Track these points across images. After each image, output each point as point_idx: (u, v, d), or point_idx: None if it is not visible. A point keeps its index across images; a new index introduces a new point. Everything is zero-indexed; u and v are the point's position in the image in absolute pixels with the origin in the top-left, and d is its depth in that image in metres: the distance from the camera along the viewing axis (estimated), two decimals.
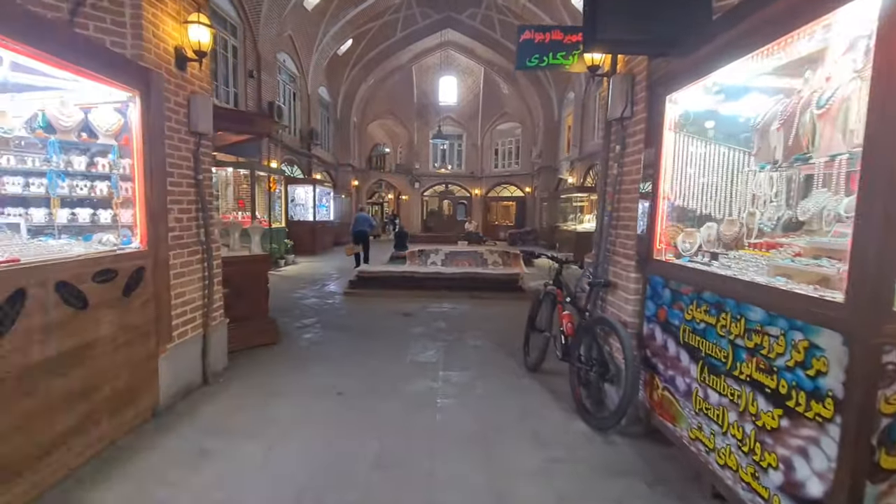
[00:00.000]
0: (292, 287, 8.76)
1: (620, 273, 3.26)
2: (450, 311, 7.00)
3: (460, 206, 29.61)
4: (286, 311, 6.68)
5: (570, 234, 13.62)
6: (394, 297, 7.92)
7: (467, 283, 8.36)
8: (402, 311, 6.86)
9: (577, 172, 17.25)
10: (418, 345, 5.07)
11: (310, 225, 14.95)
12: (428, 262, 12.83)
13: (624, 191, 3.33)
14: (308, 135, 17.01)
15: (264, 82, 12.92)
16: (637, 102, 3.15)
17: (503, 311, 7.02)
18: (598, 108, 15.99)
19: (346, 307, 7.12)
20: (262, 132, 4.51)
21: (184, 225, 3.52)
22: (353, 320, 6.26)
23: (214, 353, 3.84)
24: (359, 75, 21.29)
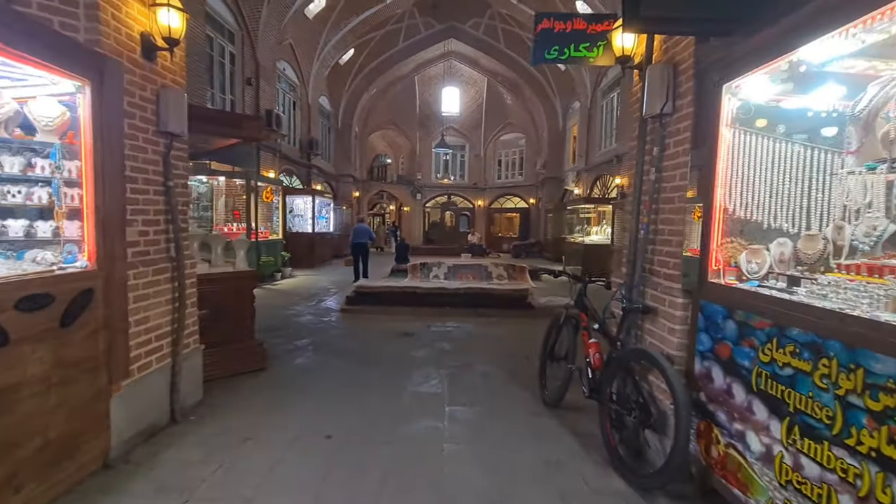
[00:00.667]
0: (287, 303, 8.24)
1: (661, 297, 2.75)
2: (454, 330, 6.48)
3: (463, 217, 29.19)
4: (278, 330, 6.16)
5: (578, 246, 13.13)
6: (394, 314, 7.40)
7: (473, 300, 7.83)
8: (402, 330, 6.34)
9: (584, 183, 16.82)
10: (421, 372, 4.54)
11: (308, 237, 14.49)
12: (430, 276, 12.32)
13: (664, 199, 2.84)
14: (308, 145, 16.65)
15: (263, 90, 12.57)
16: (681, 96, 2.67)
17: (512, 330, 6.48)
18: (605, 117, 15.62)
19: (342, 326, 6.59)
20: (252, 136, 4.05)
21: (150, 239, 3.03)
22: (349, 342, 5.73)
23: (186, 385, 3.32)
24: (360, 85, 21.03)
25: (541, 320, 7.56)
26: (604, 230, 14.39)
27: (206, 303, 3.95)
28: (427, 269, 12.49)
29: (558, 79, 19.59)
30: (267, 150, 12.98)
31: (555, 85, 20.05)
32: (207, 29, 10.10)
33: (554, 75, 19.63)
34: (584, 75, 16.33)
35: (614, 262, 10.54)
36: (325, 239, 15.71)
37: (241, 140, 4.40)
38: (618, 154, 13.23)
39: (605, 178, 15.26)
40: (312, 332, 6.19)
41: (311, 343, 5.59)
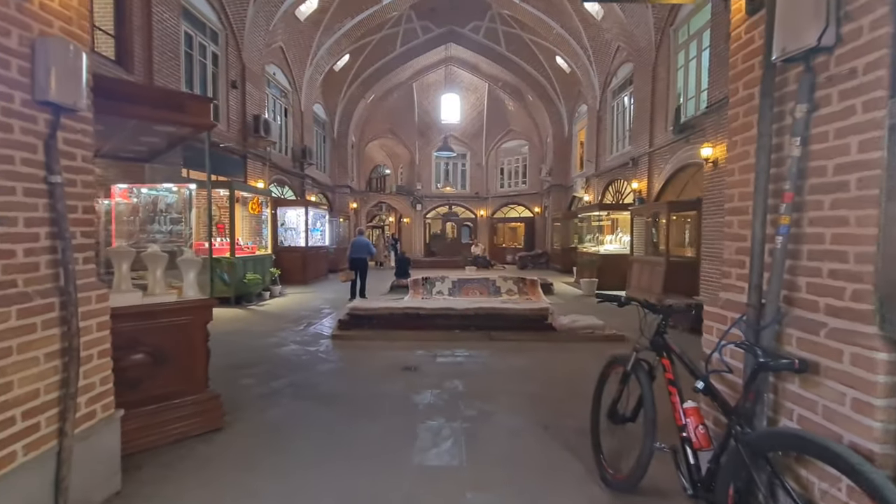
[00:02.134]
0: (271, 328, 7.16)
1: (831, 347, 1.68)
2: (466, 361, 5.39)
3: (465, 228, 28.19)
4: (253, 366, 5.08)
5: (593, 257, 12.10)
6: (394, 340, 6.33)
7: (484, 322, 6.77)
8: (404, 363, 5.25)
9: (594, 189, 15.85)
10: (428, 429, 3.46)
11: (301, 251, 13.45)
12: (433, 292, 11.26)
13: (819, 188, 1.79)
14: (301, 154, 15.71)
15: (250, 95, 11.65)
16: (860, 12, 1.64)
17: (536, 360, 5.40)
18: (616, 119, 14.69)
19: (332, 358, 5.51)
20: (201, 123, 3.07)
21: (18, 264, 1.99)
22: (337, 381, 4.64)
23: (86, 477, 2.25)
24: (357, 92, 20.19)
25: (566, 345, 6.40)
26: (619, 239, 13.36)
27: (136, 345, 2.91)
28: (430, 284, 11.43)
29: (563, 82, 18.75)
30: (255, 158, 12.03)
31: (559, 88, 19.21)
32: (185, 25, 9.19)
33: (558, 78, 18.79)
34: (592, 75, 15.46)
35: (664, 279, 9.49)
36: (319, 253, 14.68)
37: (188, 128, 3.38)
38: (633, 157, 12.27)
39: (618, 183, 14.28)
40: (294, 367, 5.10)
41: (291, 384, 4.50)
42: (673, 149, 10.32)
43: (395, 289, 11.72)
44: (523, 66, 19.57)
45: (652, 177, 11.47)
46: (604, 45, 14.20)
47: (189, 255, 3.41)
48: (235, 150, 11.11)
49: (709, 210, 7.65)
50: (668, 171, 10.59)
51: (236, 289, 9.32)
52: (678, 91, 10.61)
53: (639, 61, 12.08)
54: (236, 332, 6.84)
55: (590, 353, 5.78)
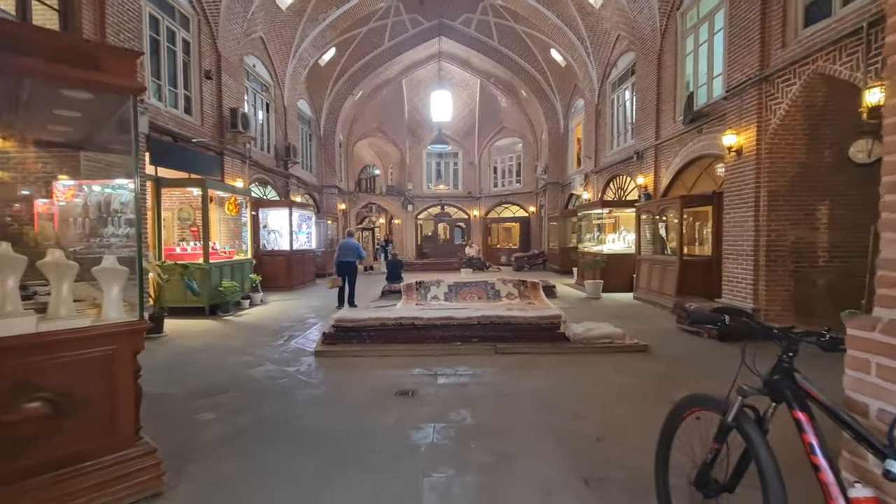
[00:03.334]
0: (246, 343, 6.30)
1: None
2: (472, 382, 4.60)
3: (457, 228, 27.42)
4: (217, 393, 4.23)
5: (596, 257, 11.38)
6: (387, 355, 5.51)
7: (489, 331, 5.99)
8: (399, 385, 4.44)
9: (594, 186, 15.17)
10: (434, 488, 2.65)
11: (286, 255, 12.56)
12: (428, 297, 10.44)
13: None
14: (285, 152, 14.81)
15: (226, 86, 10.76)
16: None
17: (553, 378, 4.62)
18: (616, 112, 14.02)
19: (313, 382, 4.67)
20: (123, 85, 2.20)
21: None
22: (318, 414, 3.81)
23: None
24: (344, 89, 19.31)
25: (583, 359, 5.47)
26: (623, 237, 12.66)
27: (29, 390, 2.08)
28: (424, 289, 10.62)
29: (558, 76, 18.08)
30: (233, 155, 11.12)
31: (554, 83, 18.55)
32: (149, 6, 8.29)
33: (553, 72, 18.12)
34: (590, 68, 14.78)
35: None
36: (305, 257, 13.79)
37: (106, 92, 2.54)
38: (638, 151, 11.59)
39: (620, 179, 13.61)
40: (268, 395, 4.26)
41: (261, 420, 3.66)
42: (682, 140, 9.65)
43: (386, 294, 10.89)
44: (517, 61, 18.88)
45: (659, 171, 10.79)
46: (602, 35, 13.53)
47: (110, 263, 2.56)
48: (211, 146, 10.21)
49: (731, 203, 6.96)
50: (677, 164, 9.91)
51: (210, 298, 8.43)
52: (686, 79, 9.94)
53: (642, 50, 11.41)
54: (205, 350, 5.97)
55: (613, 368, 5.02)
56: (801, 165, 6.32)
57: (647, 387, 4.45)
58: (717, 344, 6.13)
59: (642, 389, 4.37)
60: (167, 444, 3.04)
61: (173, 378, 4.76)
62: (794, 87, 5.88)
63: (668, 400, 4.08)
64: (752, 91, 6.51)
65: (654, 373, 4.91)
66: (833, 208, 6.35)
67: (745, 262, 6.67)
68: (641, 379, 4.69)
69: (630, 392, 4.31)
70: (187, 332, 7.09)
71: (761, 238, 6.43)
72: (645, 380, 4.67)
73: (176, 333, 6.95)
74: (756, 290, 6.47)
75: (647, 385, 4.50)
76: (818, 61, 5.47)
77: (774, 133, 6.27)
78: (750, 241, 6.55)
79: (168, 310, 8.38)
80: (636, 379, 4.69)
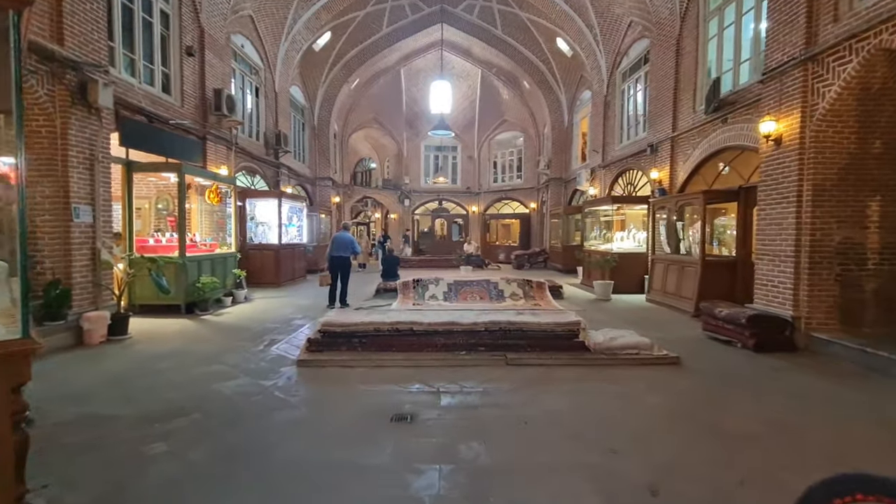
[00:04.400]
0: (220, 349, 5.52)
1: None
2: (482, 403, 3.85)
3: (455, 225, 26.68)
4: (175, 415, 3.46)
5: (606, 256, 10.66)
6: (381, 367, 4.76)
7: (498, 339, 5.26)
8: (394, 406, 3.70)
9: (601, 182, 14.45)
10: None
11: (274, 250, 11.76)
12: (426, 297, 9.69)
13: None
14: (275, 140, 13.97)
15: (210, 65, 9.91)
16: None
17: (579, 398, 3.88)
18: (627, 104, 13.29)
19: (292, 401, 3.91)
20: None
21: None
22: (293, 446, 3.05)
23: None
24: (339, 76, 18.44)
25: (608, 373, 4.67)
26: (633, 235, 11.96)
27: None
28: (422, 288, 9.87)
29: (563, 67, 17.32)
30: (218, 140, 10.29)
31: (559, 74, 17.77)
32: None
33: (558, 63, 17.35)
34: (599, 57, 14.03)
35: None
36: (295, 252, 12.99)
37: None
38: (652, 143, 10.87)
39: (630, 174, 12.90)
40: (236, 418, 3.50)
41: (224, 454, 2.90)
42: (703, 131, 8.93)
43: (381, 293, 10.13)
44: (520, 50, 18.09)
45: (675, 165, 10.08)
46: (613, 22, 12.78)
47: None
48: (192, 130, 9.37)
49: (768, 198, 6.25)
50: (696, 157, 9.20)
51: (187, 295, 7.63)
52: (709, 66, 9.22)
53: (658, 36, 10.68)
54: (172, 356, 5.20)
55: (644, 385, 4.30)
56: (850, 156, 5.61)
57: (689, 411, 3.73)
58: (753, 355, 5.44)
59: (684, 414, 3.65)
60: (92, 496, 2.30)
61: (126, 394, 3.99)
62: (850, 67, 5.16)
63: (721, 431, 3.30)
64: (796, 72, 5.78)
65: (691, 392, 4.19)
66: (885, 205, 5.66)
67: (783, 265, 5.97)
68: (679, 400, 3.97)
69: (670, 417, 3.59)
70: (156, 333, 6.30)
71: (803, 237, 5.73)
72: (684, 401, 3.95)
73: (143, 335, 6.17)
74: (796, 295, 5.77)
75: (688, 408, 3.79)
76: (882, 34, 4.76)
77: (822, 119, 5.56)
78: (790, 241, 5.85)
79: (139, 308, 7.62)
80: (673, 400, 3.97)
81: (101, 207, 6.09)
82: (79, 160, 5.73)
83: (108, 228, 6.30)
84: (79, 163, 5.74)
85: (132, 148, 7.70)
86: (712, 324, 6.31)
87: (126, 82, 7.56)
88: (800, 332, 5.71)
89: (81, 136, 5.77)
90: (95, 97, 5.71)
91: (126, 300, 7.53)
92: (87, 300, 5.92)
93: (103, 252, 5.99)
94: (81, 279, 5.82)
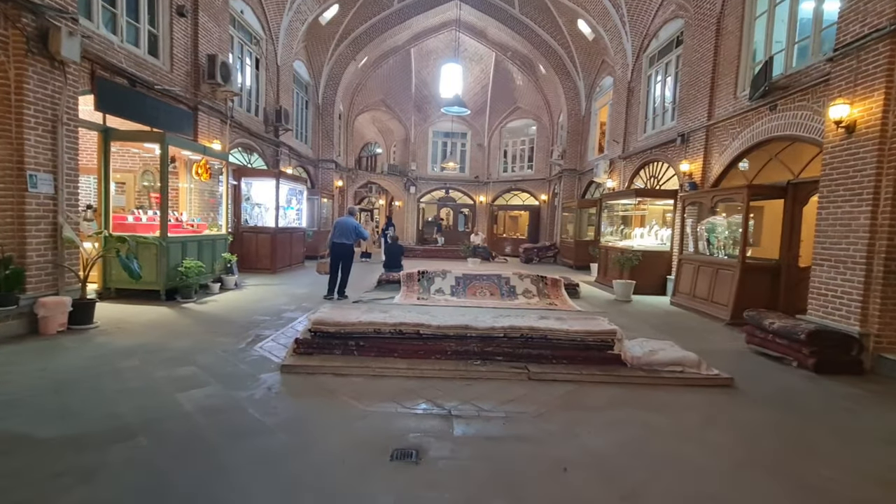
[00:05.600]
0: (194, 346, 4.75)
1: None
2: (504, 432, 3.08)
3: (461, 214, 25.82)
4: (116, 439, 2.70)
5: (627, 253, 9.83)
6: (380, 377, 4.00)
7: (519, 347, 4.48)
8: (394, 434, 2.93)
9: (620, 174, 13.55)
10: None
11: (270, 233, 10.98)
12: (432, 290, 8.91)
13: None
14: (276, 116, 13.11)
15: (204, 29, 9.04)
16: None
17: (621, 431, 3.08)
18: (653, 90, 12.35)
19: (269, 423, 3.12)
20: None
21: None
22: (260, 497, 2.28)
23: None
24: (346, 53, 17.49)
25: (651, 395, 3.91)
26: (655, 232, 11.12)
27: None
28: (427, 281, 9.09)
29: (584, 51, 16.31)
30: (211, 112, 9.46)
31: (579, 59, 16.76)
32: None
33: (578, 47, 16.33)
34: (624, 39, 13.05)
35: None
36: (294, 237, 12.21)
37: None
38: (682, 133, 9.97)
39: (653, 166, 12.00)
40: (192, 449, 2.73)
41: None
42: (745, 120, 8.04)
43: (383, 284, 9.37)
44: (538, 33, 17.07)
45: (710, 156, 9.19)
46: (642, 0, 11.80)
47: None
48: (181, 98, 8.53)
49: (833, 195, 5.40)
50: (736, 148, 8.32)
51: (167, 279, 6.87)
52: (754, 46, 8.30)
53: (695, 14, 9.73)
54: (138, 352, 4.44)
55: (698, 416, 3.52)
56: None
57: (769, 458, 2.94)
58: (814, 378, 4.65)
59: (765, 464, 2.86)
60: None
61: (64, 403, 3.23)
62: None
63: (824, 493, 2.45)
64: (880, 46, 4.91)
65: (760, 428, 3.40)
66: None
67: (849, 272, 5.14)
68: (750, 440, 3.19)
69: (748, 467, 2.80)
70: (127, 323, 5.55)
71: (878, 241, 4.90)
72: (756, 442, 3.16)
73: (112, 324, 5.42)
74: (865, 308, 4.96)
75: (765, 454, 3.00)
76: None
77: None
78: (860, 245, 5.02)
79: (115, 292, 6.88)
80: (742, 439, 3.18)
81: (66, 177, 5.29)
82: (37, 121, 4.92)
83: (74, 201, 5.51)
84: (37, 123, 4.93)
85: (110, 114, 6.89)
86: (759, 336, 5.52)
87: (105, 39, 6.72)
88: (867, 352, 4.91)
89: (41, 93, 4.95)
90: (57, 47, 4.88)
91: (100, 283, 6.82)
92: (46, 283, 5.15)
93: (66, 228, 5.21)
94: (39, 258, 5.05)
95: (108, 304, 6.50)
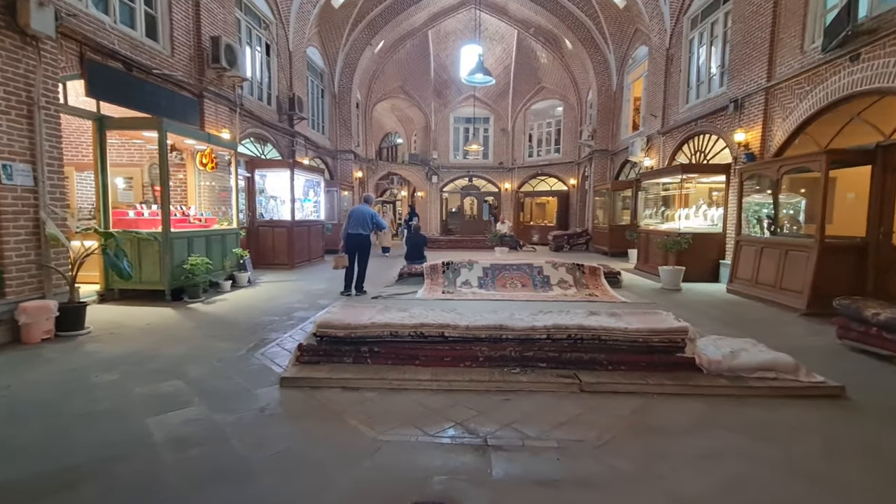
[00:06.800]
0: (187, 354, 4.13)
1: None
2: (558, 475, 2.29)
3: (485, 203, 24.90)
4: (59, 486, 2.04)
5: (674, 236, 8.81)
6: (397, 391, 3.27)
7: (565, 350, 3.68)
8: (414, 476, 2.18)
9: (660, 151, 12.40)
10: None
11: (286, 227, 10.44)
12: (458, 283, 8.15)
13: None
14: (289, 104, 12.53)
15: (207, 10, 8.45)
16: None
17: (720, 467, 2.21)
18: (698, 55, 11.13)
19: (253, 459, 2.42)
20: None
21: None
22: None
23: None
24: (362, 38, 16.76)
25: (740, 412, 2.97)
26: (703, 212, 10.01)
27: None
28: (453, 272, 8.32)
29: (613, 21, 15.06)
30: (218, 99, 8.90)
31: (608, 29, 15.51)
32: None
33: (608, 16, 15.08)
34: (661, 2, 11.83)
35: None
36: (311, 230, 11.64)
37: None
38: (735, 98, 8.81)
39: (698, 140, 10.83)
40: (152, 499, 2.06)
41: None
42: (816, 76, 6.90)
43: (404, 277, 8.67)
44: (563, 4, 15.88)
45: (770, 123, 8.05)
46: None
47: None
48: (185, 84, 7.98)
49: None
50: (804, 110, 7.18)
51: (173, 278, 6.35)
52: None
53: None
54: (124, 363, 3.85)
55: (818, 441, 2.66)
56: None
57: None
58: None
59: None
60: None
61: (13, 435, 2.64)
62: None
63: None
64: None
65: None
66: None
67: None
68: (893, 472, 2.31)
69: None
70: (123, 328, 5.01)
71: None
72: None
73: (106, 329, 4.89)
74: None
75: None
76: None
77: None
78: None
79: (119, 293, 6.41)
80: (883, 476, 2.31)
81: (48, 167, 4.75)
82: (8, 104, 4.38)
83: (60, 195, 4.98)
84: (9, 107, 4.39)
85: (104, 100, 6.36)
86: (857, 330, 4.53)
87: (95, 19, 6.17)
88: None
89: (11, 72, 4.40)
90: (27, 19, 4.31)
91: (102, 285, 6.36)
92: (31, 286, 4.65)
93: (49, 224, 4.68)
94: (20, 258, 4.54)
95: (109, 306, 6.03)
